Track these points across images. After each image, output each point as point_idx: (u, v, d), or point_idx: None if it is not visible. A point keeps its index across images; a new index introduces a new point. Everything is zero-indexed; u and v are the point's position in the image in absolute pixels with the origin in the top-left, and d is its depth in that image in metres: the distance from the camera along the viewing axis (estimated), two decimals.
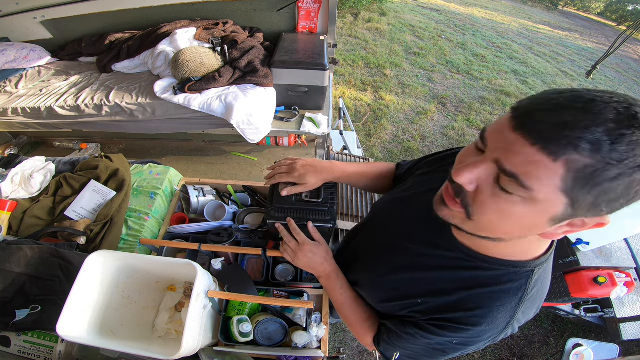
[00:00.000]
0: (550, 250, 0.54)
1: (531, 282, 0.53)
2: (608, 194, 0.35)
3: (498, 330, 0.56)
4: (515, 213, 0.41)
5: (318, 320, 0.97)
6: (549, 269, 0.58)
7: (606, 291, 1.38)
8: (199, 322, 0.81)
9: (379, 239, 0.77)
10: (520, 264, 0.53)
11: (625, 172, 0.33)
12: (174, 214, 1.27)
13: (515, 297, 0.54)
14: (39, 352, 0.90)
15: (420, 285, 0.62)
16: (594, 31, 9.81)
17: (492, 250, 0.54)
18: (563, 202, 0.37)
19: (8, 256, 0.89)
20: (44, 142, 2.39)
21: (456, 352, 0.62)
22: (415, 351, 0.66)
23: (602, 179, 0.34)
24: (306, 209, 0.85)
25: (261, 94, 1.88)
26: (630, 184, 0.34)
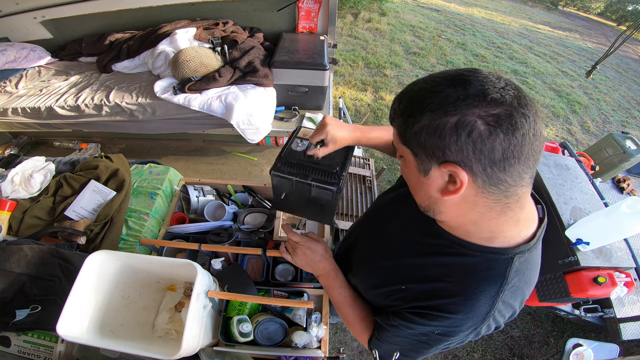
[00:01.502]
0: (533, 239, 0.54)
1: (511, 270, 0.53)
2: (420, 139, 0.46)
3: (478, 320, 0.55)
4: (405, 170, 0.55)
5: (318, 320, 0.97)
6: (533, 261, 0.56)
7: (606, 291, 1.37)
8: (199, 322, 0.81)
9: (374, 226, 0.80)
10: (500, 250, 0.53)
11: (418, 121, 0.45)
12: (174, 214, 1.27)
13: (494, 285, 0.53)
14: (39, 352, 0.90)
15: (405, 271, 0.64)
16: (594, 31, 9.81)
17: (472, 236, 0.54)
18: (409, 152, 0.50)
19: (8, 256, 0.89)
20: (44, 142, 2.39)
21: (440, 343, 0.61)
22: (403, 345, 0.66)
23: (411, 131, 0.47)
24: (313, 167, 0.81)
25: (261, 94, 1.88)
26: (435, 130, 0.44)
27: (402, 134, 0.49)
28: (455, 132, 0.42)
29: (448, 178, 0.47)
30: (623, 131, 2.90)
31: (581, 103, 4.72)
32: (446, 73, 0.46)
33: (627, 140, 2.41)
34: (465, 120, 0.42)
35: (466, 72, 0.45)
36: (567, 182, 1.66)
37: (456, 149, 0.43)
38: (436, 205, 0.53)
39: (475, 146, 0.42)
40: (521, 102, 0.43)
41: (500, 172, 0.44)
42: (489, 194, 0.47)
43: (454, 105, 0.42)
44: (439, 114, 0.43)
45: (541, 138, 0.45)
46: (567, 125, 4.20)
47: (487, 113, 0.41)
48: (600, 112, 4.68)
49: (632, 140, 2.40)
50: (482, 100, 0.42)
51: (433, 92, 0.44)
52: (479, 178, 0.45)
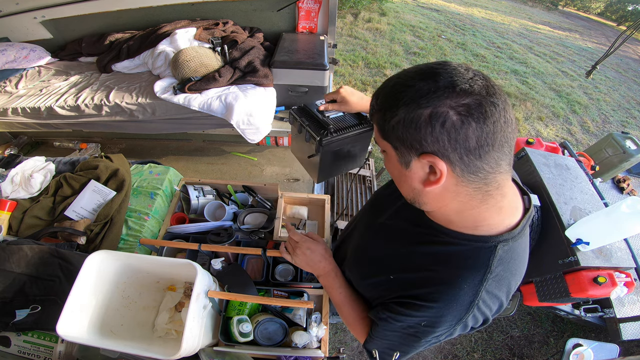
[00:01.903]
0: (517, 228, 0.54)
1: (494, 259, 0.53)
2: (398, 132, 0.48)
3: (462, 310, 0.55)
4: (387, 165, 0.57)
5: (318, 320, 0.97)
6: (518, 251, 0.56)
7: (606, 291, 1.37)
8: (199, 322, 0.81)
9: (369, 217, 0.81)
10: (483, 238, 0.53)
11: (395, 115, 0.47)
12: (174, 214, 1.27)
13: (477, 274, 0.53)
14: (39, 352, 0.90)
15: (394, 261, 0.65)
16: (594, 31, 9.80)
17: (457, 225, 0.55)
18: (389, 146, 0.51)
19: (8, 256, 0.89)
20: (44, 142, 2.39)
21: (427, 336, 0.61)
22: (392, 340, 0.66)
23: (389, 125, 0.48)
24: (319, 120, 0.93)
25: (261, 94, 1.88)
26: (410, 123, 0.45)
27: (381, 128, 0.51)
28: (430, 124, 0.44)
29: (429, 169, 0.49)
30: (623, 131, 2.90)
31: (581, 103, 4.72)
32: (418, 67, 0.48)
33: (627, 140, 2.41)
34: (438, 112, 0.43)
35: (436, 65, 0.47)
36: (567, 182, 1.66)
37: (432, 140, 0.45)
38: (420, 197, 0.54)
39: (450, 136, 0.44)
40: (489, 91, 0.44)
41: (476, 160, 0.45)
42: (469, 182, 0.48)
43: (426, 97, 0.44)
44: (413, 107, 0.45)
45: (513, 125, 0.46)
46: (567, 125, 4.20)
47: (457, 103, 0.43)
48: (600, 112, 4.68)
49: (632, 140, 2.40)
50: (452, 92, 0.43)
51: (406, 87, 0.46)
52: (457, 167, 0.46)
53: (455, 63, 0.47)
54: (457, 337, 2.03)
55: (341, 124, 0.95)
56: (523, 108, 4.29)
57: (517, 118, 4.03)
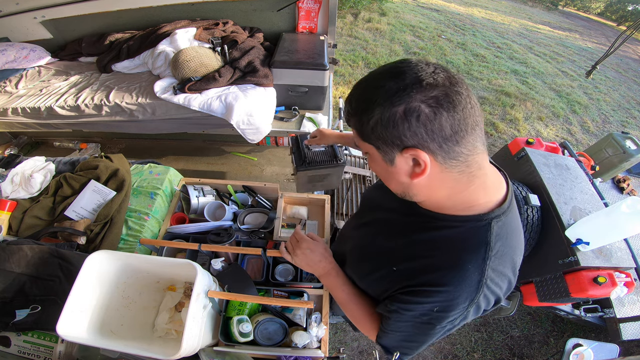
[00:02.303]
0: (504, 203, 0.57)
1: (491, 235, 0.55)
2: (378, 132, 0.50)
3: (472, 290, 0.55)
4: (373, 165, 0.58)
5: (318, 320, 0.97)
6: (512, 225, 0.59)
7: (606, 291, 1.37)
8: (199, 322, 0.81)
9: (362, 217, 0.83)
10: (476, 217, 0.56)
11: (371, 118, 0.49)
12: (174, 214, 1.27)
13: (478, 252, 0.55)
14: (39, 352, 0.90)
15: (394, 253, 0.65)
16: (594, 31, 9.80)
17: (449, 209, 0.58)
18: (372, 147, 0.53)
19: (8, 256, 0.89)
20: (44, 142, 2.39)
21: (442, 321, 0.60)
22: (407, 331, 0.65)
23: (367, 127, 0.51)
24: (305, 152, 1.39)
25: (261, 94, 1.88)
26: (388, 122, 0.48)
27: (360, 132, 0.53)
28: (406, 119, 0.47)
29: (412, 162, 0.51)
30: (623, 131, 2.90)
31: (581, 103, 4.72)
32: (383, 68, 0.51)
33: (627, 140, 2.41)
34: (410, 107, 0.46)
35: (399, 64, 0.50)
36: (567, 182, 1.66)
37: (411, 134, 0.48)
38: (409, 190, 0.57)
39: (426, 127, 0.47)
40: (452, 81, 0.48)
41: (454, 146, 0.48)
42: (452, 168, 0.51)
43: (397, 96, 0.47)
44: (387, 107, 0.47)
45: (478, 108, 0.50)
46: (567, 125, 4.20)
47: (427, 97, 0.46)
48: (600, 112, 4.68)
49: (632, 140, 2.40)
50: (419, 87, 0.46)
51: (376, 88, 0.49)
52: (438, 155, 0.49)
53: (416, 59, 0.50)
54: (457, 337, 2.03)
55: (317, 157, 1.38)
56: (523, 108, 4.29)
57: (517, 118, 4.03)
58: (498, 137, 3.75)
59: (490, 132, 3.77)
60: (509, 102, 4.32)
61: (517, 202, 1.55)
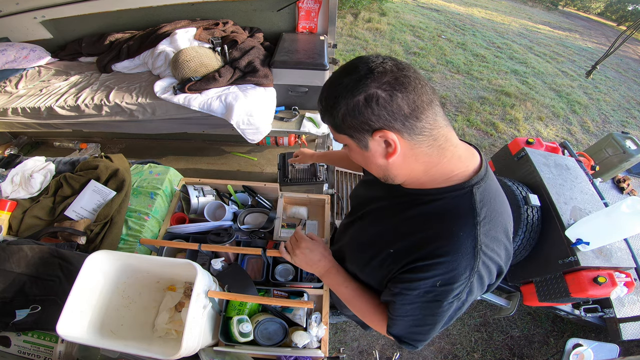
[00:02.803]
0: (480, 170, 0.61)
1: (475, 201, 0.58)
2: (347, 122, 0.56)
3: (469, 258, 0.56)
4: (353, 155, 0.64)
5: (318, 320, 0.97)
6: (493, 190, 0.62)
7: (606, 291, 1.37)
8: (199, 322, 0.81)
9: (353, 214, 0.85)
10: (457, 187, 0.59)
11: (338, 110, 0.55)
12: (174, 214, 1.27)
13: (467, 220, 0.57)
14: (39, 352, 0.90)
15: (388, 235, 0.67)
16: (594, 31, 9.80)
17: (430, 184, 0.62)
18: (347, 137, 0.59)
19: (8, 256, 0.89)
20: (44, 142, 2.39)
21: (448, 296, 0.59)
22: (415, 314, 0.64)
23: (338, 120, 0.57)
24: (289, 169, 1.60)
25: (261, 94, 1.88)
26: (353, 110, 0.54)
27: (334, 126, 0.59)
28: (368, 105, 0.53)
29: (385, 144, 0.57)
30: (623, 131, 2.90)
31: (581, 103, 4.72)
32: (342, 67, 0.58)
33: (627, 140, 2.41)
34: (369, 94, 0.52)
35: (354, 61, 0.57)
36: (567, 182, 1.66)
37: (375, 118, 0.53)
38: (389, 171, 0.62)
39: (387, 109, 0.53)
40: (399, 67, 0.54)
41: (416, 122, 0.54)
42: (420, 143, 0.56)
43: (356, 87, 0.53)
44: (349, 98, 0.54)
45: (428, 87, 0.55)
46: (567, 125, 4.20)
47: (381, 83, 0.52)
48: (600, 112, 4.68)
49: (632, 140, 2.40)
50: (372, 75, 0.52)
51: (338, 84, 0.55)
52: (404, 133, 0.55)
53: (367, 54, 0.57)
54: (457, 337, 2.03)
55: (299, 175, 1.59)
56: (523, 108, 4.29)
57: (517, 118, 4.03)
58: (498, 137, 3.75)
59: (490, 132, 3.77)
60: (509, 102, 4.32)
61: (517, 202, 1.55)
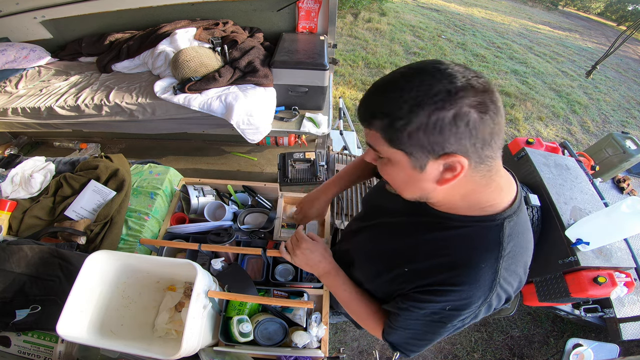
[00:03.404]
0: (515, 203, 0.57)
1: (504, 235, 0.55)
2: (417, 138, 0.47)
3: (485, 290, 0.55)
4: (391, 171, 0.55)
5: (318, 320, 0.97)
6: (523, 225, 0.59)
7: (606, 291, 1.37)
8: (199, 322, 0.81)
9: (365, 220, 0.82)
10: (489, 218, 0.56)
11: (410, 122, 0.46)
12: (174, 214, 1.27)
13: (492, 253, 0.55)
14: (39, 352, 0.90)
15: (404, 253, 0.65)
16: (594, 31, 9.80)
17: (461, 209, 0.57)
18: (401, 154, 0.50)
19: (8, 256, 0.89)
20: (44, 142, 2.39)
21: (453, 320, 0.60)
22: (417, 328, 0.65)
23: (404, 133, 0.47)
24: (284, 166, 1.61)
25: (261, 94, 1.88)
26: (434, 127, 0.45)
27: (390, 137, 0.49)
28: (455, 125, 0.45)
29: (443, 168, 0.50)
30: (623, 131, 2.90)
31: (581, 103, 4.72)
32: (419, 68, 0.48)
33: (627, 140, 2.40)
34: (461, 112, 0.44)
35: (439, 65, 0.47)
36: (567, 182, 1.66)
37: (455, 140, 0.46)
38: (429, 195, 0.56)
39: (472, 133, 0.46)
40: (489, 85, 0.47)
41: (488, 150, 0.48)
42: (478, 172, 0.51)
43: (448, 100, 0.44)
44: (434, 110, 0.45)
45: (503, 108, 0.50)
46: (567, 125, 4.20)
47: (476, 102, 0.45)
48: (600, 112, 4.68)
49: (632, 140, 2.40)
50: (469, 91, 0.45)
51: (421, 90, 0.45)
52: (472, 160, 0.49)
53: (448, 61, 0.49)
54: (457, 337, 2.03)
55: (299, 175, 1.57)
56: (523, 108, 4.29)
57: (517, 118, 4.03)
58: None
59: None
60: (509, 102, 4.32)
61: None
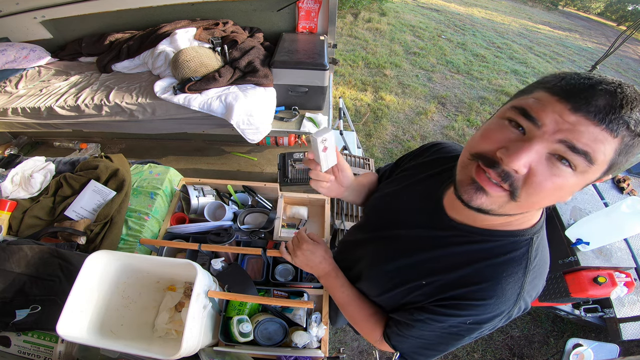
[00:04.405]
0: (542, 217, 0.56)
1: (532, 250, 0.54)
2: (630, 161, 0.42)
3: (510, 304, 0.55)
4: (568, 185, 0.44)
5: (318, 320, 0.97)
6: (545, 238, 0.58)
7: (606, 291, 1.38)
8: (199, 322, 0.81)
9: (375, 232, 0.78)
10: (519, 232, 0.54)
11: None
12: (174, 214, 1.27)
13: (520, 267, 0.54)
14: (39, 352, 0.90)
15: (422, 266, 0.63)
16: (594, 31, 9.80)
17: (488, 223, 0.55)
18: (602, 170, 0.43)
19: (8, 256, 0.89)
20: (44, 142, 2.38)
21: (472, 333, 0.59)
22: (430, 339, 0.64)
23: (633, 149, 0.41)
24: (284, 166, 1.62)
25: (261, 94, 1.88)
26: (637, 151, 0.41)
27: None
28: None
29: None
30: None
31: None
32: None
33: None
34: None
35: None
36: None
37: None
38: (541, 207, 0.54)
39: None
40: None
41: None
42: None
43: None
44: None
45: None
46: None
47: None
48: None
49: None
50: None
51: None
52: None
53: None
54: None
55: (299, 175, 1.56)
56: None
57: None
58: None
59: None
60: None
61: None
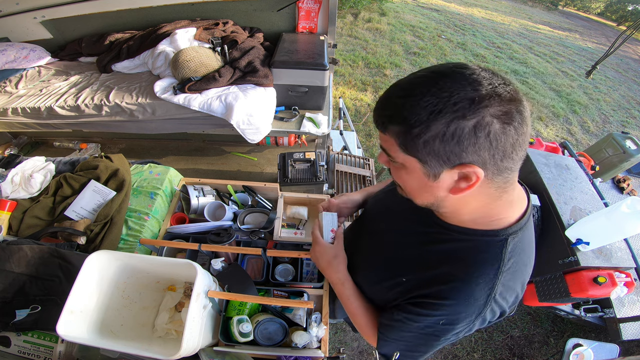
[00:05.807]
0: (523, 218, 0.55)
1: (506, 252, 0.54)
2: (433, 147, 0.44)
3: (480, 305, 0.55)
4: (404, 177, 0.53)
5: (318, 320, 0.97)
6: (527, 241, 0.57)
7: (606, 291, 1.37)
8: (199, 322, 0.81)
9: (369, 226, 0.82)
10: (493, 233, 0.54)
11: (427, 130, 0.43)
12: (174, 214, 1.27)
13: (491, 268, 0.54)
14: (39, 352, 0.90)
15: (405, 263, 0.65)
16: (594, 31, 9.80)
17: (467, 222, 0.56)
18: (415, 161, 0.48)
19: (8, 256, 0.89)
20: (44, 142, 2.38)
21: (447, 333, 0.60)
22: (410, 340, 0.65)
23: (419, 140, 0.44)
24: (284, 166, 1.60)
25: (261, 94, 1.88)
26: (452, 136, 0.42)
27: (405, 144, 0.47)
28: (474, 135, 0.42)
29: (458, 177, 0.47)
30: (623, 131, 2.90)
31: (581, 103, 4.72)
32: (441, 72, 0.44)
33: (627, 140, 2.41)
34: (483, 122, 0.41)
35: (464, 70, 0.43)
36: (567, 182, 1.66)
37: (473, 151, 0.43)
38: (441, 203, 0.54)
39: (492, 144, 0.43)
40: (517, 94, 0.44)
41: (507, 162, 0.45)
42: (493, 183, 0.48)
43: (470, 108, 0.41)
44: (454, 119, 0.42)
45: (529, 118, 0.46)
46: (567, 125, 4.20)
47: (500, 111, 0.42)
48: (600, 112, 4.68)
49: (632, 140, 2.40)
50: (494, 100, 0.41)
51: (441, 96, 0.42)
52: (490, 171, 0.46)
53: (474, 65, 0.45)
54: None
55: (299, 175, 1.57)
56: None
57: None
58: None
59: None
60: None
61: None
